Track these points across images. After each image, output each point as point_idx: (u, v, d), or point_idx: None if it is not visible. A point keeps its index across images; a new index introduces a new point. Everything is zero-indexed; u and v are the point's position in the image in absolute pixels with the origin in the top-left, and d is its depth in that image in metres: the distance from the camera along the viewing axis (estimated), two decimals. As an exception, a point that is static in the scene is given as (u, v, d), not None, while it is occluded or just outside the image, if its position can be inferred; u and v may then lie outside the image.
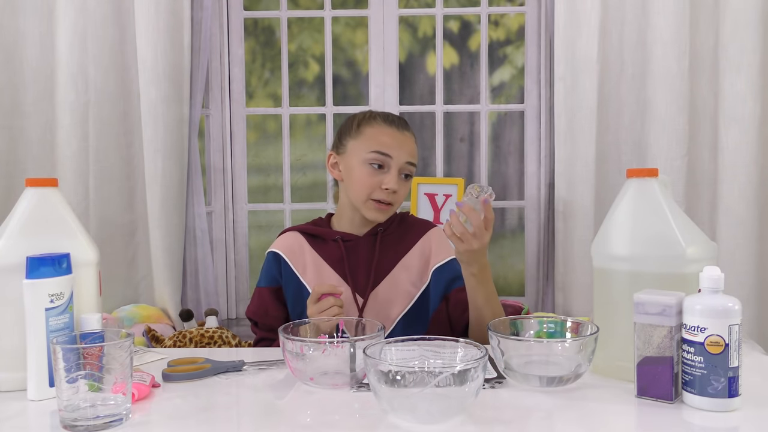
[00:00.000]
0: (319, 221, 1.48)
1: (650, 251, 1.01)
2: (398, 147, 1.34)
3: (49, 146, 1.96)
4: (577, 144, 1.95)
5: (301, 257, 1.39)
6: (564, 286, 2.00)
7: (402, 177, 1.35)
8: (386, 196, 1.33)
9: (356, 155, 1.35)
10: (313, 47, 2.31)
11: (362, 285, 1.36)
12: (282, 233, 1.46)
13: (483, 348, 0.91)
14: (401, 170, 1.35)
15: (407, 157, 1.35)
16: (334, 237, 1.40)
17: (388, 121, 1.38)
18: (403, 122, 1.41)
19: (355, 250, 1.38)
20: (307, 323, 1.13)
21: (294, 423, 0.90)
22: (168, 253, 1.97)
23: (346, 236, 1.40)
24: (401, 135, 1.36)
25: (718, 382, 0.87)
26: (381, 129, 1.36)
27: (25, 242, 1.01)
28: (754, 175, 1.86)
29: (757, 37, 1.84)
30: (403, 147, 1.35)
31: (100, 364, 0.84)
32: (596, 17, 1.90)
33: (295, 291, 1.38)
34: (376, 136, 1.35)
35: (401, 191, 1.36)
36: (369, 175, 1.33)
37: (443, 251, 1.41)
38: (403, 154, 1.34)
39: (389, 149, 1.33)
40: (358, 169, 1.35)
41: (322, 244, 1.40)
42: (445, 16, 2.21)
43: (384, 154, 1.33)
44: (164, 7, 1.92)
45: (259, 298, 1.41)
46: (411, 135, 1.40)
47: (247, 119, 2.22)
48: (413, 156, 1.37)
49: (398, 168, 1.34)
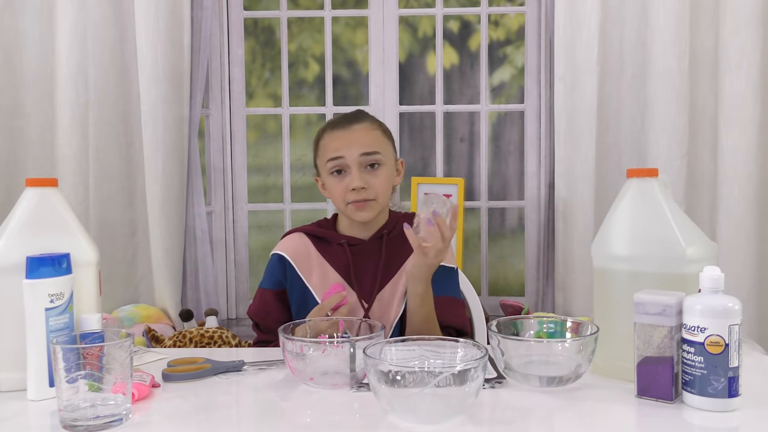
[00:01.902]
0: (324, 222, 1.46)
1: (650, 251, 1.01)
2: (346, 145, 1.33)
3: (49, 146, 1.96)
4: (577, 144, 1.95)
5: (307, 261, 1.38)
6: (564, 286, 2.00)
7: (367, 169, 1.33)
8: (357, 195, 1.32)
9: (323, 171, 1.37)
10: (313, 47, 2.31)
11: (367, 290, 1.35)
12: (287, 234, 1.45)
13: (483, 348, 0.91)
14: (361, 164, 1.32)
15: (359, 149, 1.32)
16: (339, 241, 1.39)
17: (333, 126, 1.38)
18: (352, 116, 1.39)
19: (361, 255, 1.37)
20: (306, 323, 1.13)
21: (294, 423, 0.90)
22: (168, 253, 1.97)
23: (352, 240, 1.39)
24: (348, 132, 1.35)
25: (718, 382, 0.87)
26: (329, 137, 1.37)
27: (25, 242, 1.01)
28: (754, 175, 1.86)
29: (757, 37, 1.84)
30: (352, 143, 1.33)
31: (100, 364, 0.84)
32: (596, 17, 1.90)
33: (300, 295, 1.37)
34: (327, 145, 1.36)
35: (373, 182, 1.32)
36: (335, 184, 1.34)
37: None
38: (353, 150, 1.32)
39: (338, 152, 1.33)
40: (328, 183, 1.37)
41: (328, 247, 1.39)
42: (445, 16, 2.21)
43: (336, 158, 1.33)
44: (164, 7, 1.92)
45: (261, 299, 1.40)
46: (364, 125, 1.37)
47: (247, 119, 2.22)
48: (367, 146, 1.33)
49: (356, 164, 1.32)
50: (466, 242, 2.17)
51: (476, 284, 2.08)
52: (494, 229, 2.26)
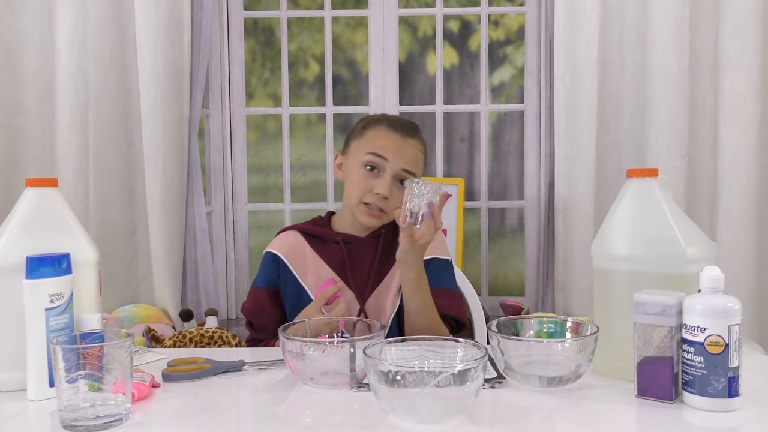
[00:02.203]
0: (319, 220, 1.45)
1: (650, 251, 1.01)
2: (396, 152, 1.31)
3: (49, 146, 1.96)
4: (577, 144, 1.95)
5: (301, 259, 1.37)
6: (564, 286, 2.00)
7: (397, 184, 1.31)
8: (377, 201, 1.30)
9: (356, 156, 1.34)
10: (313, 47, 2.31)
11: (362, 288, 1.35)
12: (280, 232, 1.43)
13: (483, 348, 0.91)
14: (396, 176, 1.31)
15: (404, 163, 1.31)
16: (335, 238, 1.37)
17: (392, 126, 1.35)
18: (411, 129, 1.37)
19: (356, 252, 1.37)
20: (306, 322, 1.13)
21: (294, 423, 0.90)
22: (168, 253, 1.97)
23: (348, 237, 1.38)
24: (403, 141, 1.33)
25: (718, 382, 0.87)
26: (383, 132, 1.34)
27: (25, 242, 1.01)
28: (754, 175, 1.86)
29: (757, 37, 1.84)
30: (402, 152, 1.31)
31: (100, 364, 0.84)
32: (596, 17, 1.90)
33: (295, 294, 1.35)
34: (376, 138, 1.33)
35: (394, 198, 1.30)
36: (363, 177, 1.31)
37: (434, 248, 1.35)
38: (400, 160, 1.30)
39: (385, 152, 1.30)
40: (354, 171, 1.33)
41: (323, 245, 1.38)
42: (445, 16, 2.21)
43: (379, 156, 1.30)
44: (164, 7, 1.92)
45: (254, 298, 1.38)
46: (417, 142, 1.35)
47: (247, 119, 2.22)
48: (412, 164, 1.32)
49: (393, 173, 1.30)
50: (466, 242, 2.16)
51: (476, 284, 2.08)
52: (494, 229, 2.26)
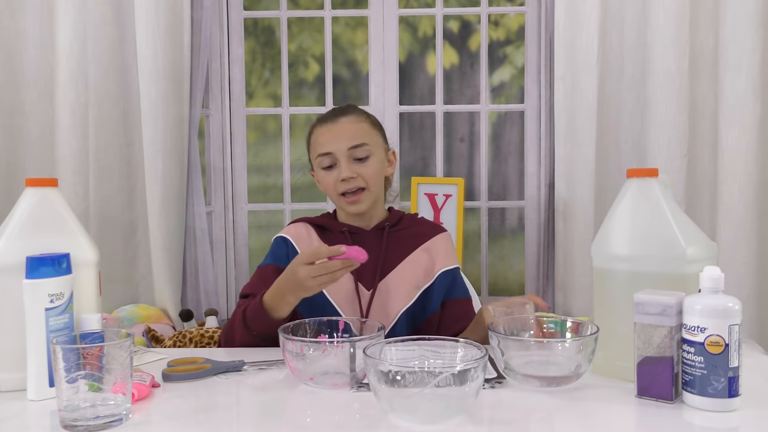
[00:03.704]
0: (326, 215, 1.51)
1: (650, 251, 1.01)
2: (334, 140, 1.36)
3: (49, 146, 1.96)
4: (577, 144, 1.95)
5: (309, 244, 1.41)
6: (564, 286, 2.00)
7: (356, 161, 1.36)
8: (347, 185, 1.35)
9: (315, 165, 1.41)
10: (313, 47, 2.31)
11: (368, 277, 1.37)
12: (290, 224, 1.48)
13: (483, 348, 0.91)
14: (349, 157, 1.35)
15: (347, 143, 1.35)
16: (341, 229, 1.42)
17: (322, 121, 1.41)
18: (340, 110, 1.42)
19: (362, 243, 1.37)
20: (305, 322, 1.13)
21: (294, 423, 0.90)
22: (168, 253, 1.97)
23: (354, 229, 1.42)
24: (334, 126, 1.38)
25: (718, 382, 0.87)
26: (318, 132, 1.40)
27: (25, 242, 1.01)
28: (754, 175, 1.86)
29: (757, 37, 1.84)
30: (339, 135, 1.36)
31: (100, 364, 0.84)
32: (596, 17, 1.90)
33: None
34: (316, 140, 1.40)
35: (362, 171, 1.35)
36: (326, 177, 1.38)
37: (451, 257, 1.44)
38: (341, 144, 1.35)
39: (326, 146, 1.36)
40: (320, 177, 1.41)
41: (330, 235, 1.42)
42: (445, 16, 2.21)
43: (325, 154, 1.37)
44: (164, 6, 1.92)
45: (259, 276, 1.38)
46: (349, 117, 1.39)
47: (247, 119, 2.22)
48: (355, 138, 1.36)
49: (345, 157, 1.35)
50: (466, 242, 2.16)
51: (476, 284, 2.08)
52: (494, 229, 2.26)
